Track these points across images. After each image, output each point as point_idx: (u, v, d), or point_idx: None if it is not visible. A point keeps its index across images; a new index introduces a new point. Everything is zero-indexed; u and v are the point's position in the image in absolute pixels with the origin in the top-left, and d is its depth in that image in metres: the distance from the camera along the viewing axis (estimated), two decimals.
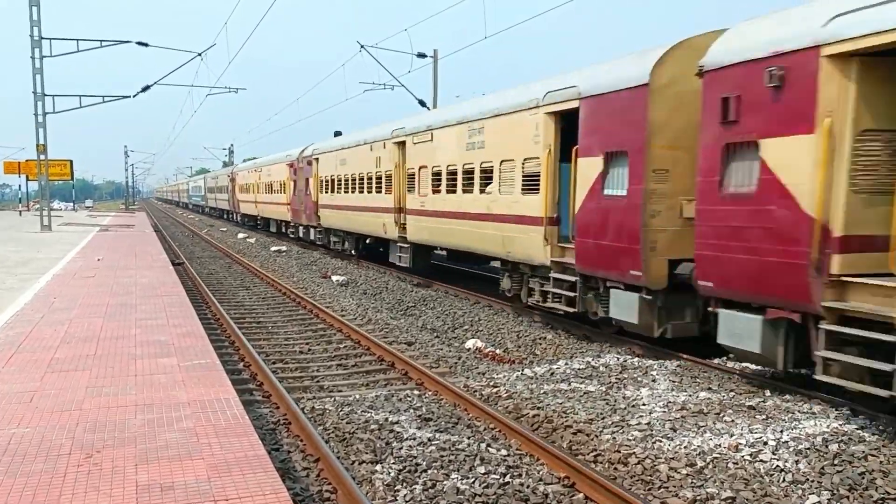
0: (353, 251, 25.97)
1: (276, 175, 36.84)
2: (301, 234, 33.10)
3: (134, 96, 33.58)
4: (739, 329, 8.84)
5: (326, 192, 27.82)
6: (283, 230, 37.45)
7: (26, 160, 47.97)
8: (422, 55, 30.64)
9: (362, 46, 29.27)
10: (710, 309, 9.64)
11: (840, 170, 7.54)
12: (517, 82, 18.43)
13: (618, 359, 10.63)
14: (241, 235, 40.45)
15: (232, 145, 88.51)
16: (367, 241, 24.83)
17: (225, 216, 62.07)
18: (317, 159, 29.28)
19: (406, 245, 19.99)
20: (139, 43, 32.23)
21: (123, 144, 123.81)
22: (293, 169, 32.85)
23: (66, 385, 7.23)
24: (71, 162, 45.99)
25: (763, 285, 8.41)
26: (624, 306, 11.01)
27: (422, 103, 30.74)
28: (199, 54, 31.55)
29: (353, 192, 24.50)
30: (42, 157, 32.58)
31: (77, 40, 30.83)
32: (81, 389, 7.08)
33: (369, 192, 22.68)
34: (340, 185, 25.97)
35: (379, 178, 21.87)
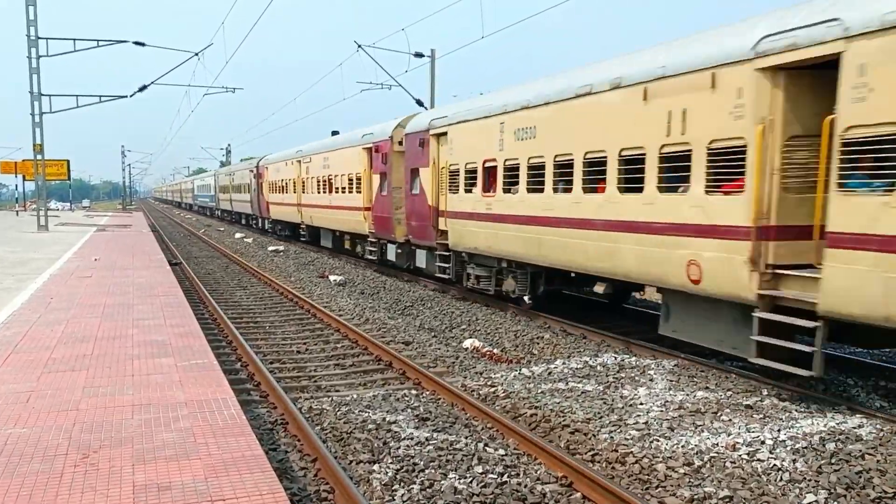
0: (525, 296, 14.36)
1: (341, 165, 25.14)
2: (393, 256, 21.04)
3: (131, 96, 33.57)
4: None
5: (467, 190, 15.56)
6: (352, 247, 25.71)
7: (23, 160, 47.84)
8: (419, 55, 30.62)
9: (360, 46, 29.24)
10: None
11: None
12: (515, 81, 14.23)
13: (615, 358, 10.63)
14: (238, 235, 40.41)
15: (229, 145, 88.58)
16: (600, 285, 12.27)
17: (245, 221, 49.76)
18: (442, 134, 16.86)
19: (817, 323, 7.95)
20: (136, 43, 32.19)
21: (121, 144, 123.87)
22: (380, 155, 21.07)
23: (63, 385, 7.22)
24: (68, 162, 45.90)
25: None
26: None
27: (419, 103, 30.73)
28: (197, 54, 31.53)
29: (562, 187, 12.30)
30: (39, 156, 32.53)
31: (74, 40, 30.79)
32: (78, 389, 7.07)
33: (629, 188, 10.65)
34: (513, 176, 13.80)
35: (680, 155, 9.69)
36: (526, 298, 14.44)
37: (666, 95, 9.92)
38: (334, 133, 29.15)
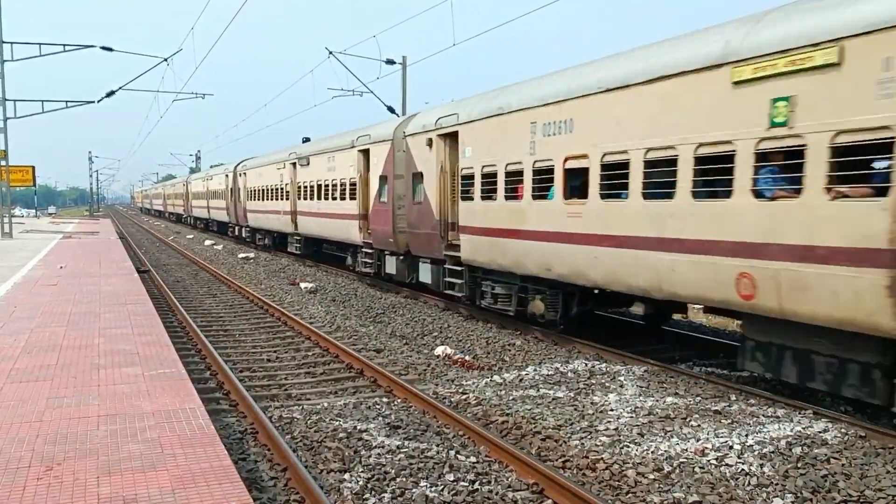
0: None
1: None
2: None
3: (98, 101, 33.15)
4: None
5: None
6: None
7: None
8: (391, 62, 30.60)
9: (331, 53, 29.16)
10: None
11: None
12: (486, 88, 16.06)
13: (586, 364, 10.70)
14: (208, 242, 39.99)
15: (199, 151, 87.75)
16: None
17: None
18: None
19: None
20: (104, 48, 31.80)
21: (88, 150, 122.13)
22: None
23: (26, 396, 7.08)
24: (33, 168, 45.10)
25: None
26: None
27: (391, 110, 30.72)
28: (166, 60, 31.22)
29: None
30: (3, 162, 31.96)
31: (39, 44, 30.35)
32: (42, 400, 6.94)
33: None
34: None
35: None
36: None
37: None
38: (305, 140, 29.01)
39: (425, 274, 16.92)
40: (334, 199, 22.54)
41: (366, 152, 20.03)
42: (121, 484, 4.95)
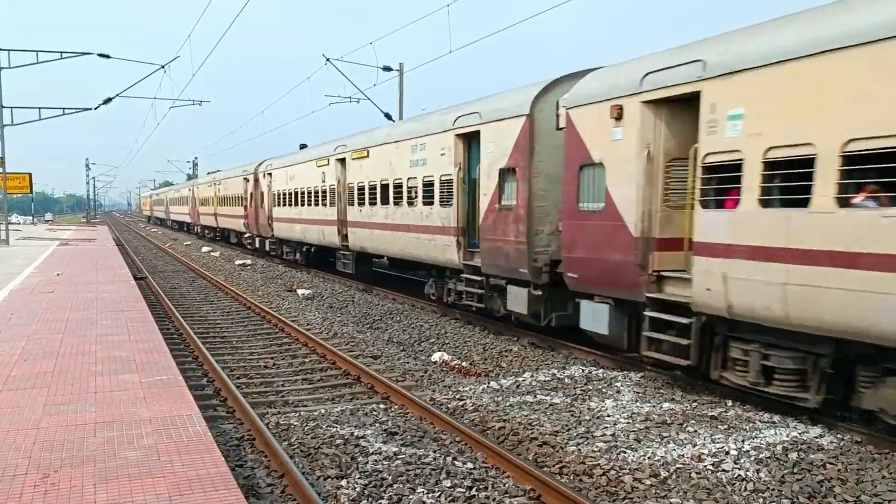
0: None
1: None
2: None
3: (95, 108, 33.16)
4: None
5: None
6: None
7: None
8: (388, 68, 30.66)
9: (328, 59, 29.22)
10: None
11: None
12: (485, 91, 15.65)
13: (583, 370, 10.71)
14: (205, 249, 39.97)
15: (196, 158, 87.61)
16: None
17: None
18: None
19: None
20: (101, 55, 31.81)
21: (85, 157, 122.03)
22: None
23: (23, 403, 7.08)
24: (30, 175, 45.12)
25: None
26: None
27: (388, 116, 30.77)
28: (163, 67, 31.22)
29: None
30: (0, 169, 31.95)
31: (37, 52, 30.39)
32: (39, 407, 6.94)
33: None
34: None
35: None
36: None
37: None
38: (302, 146, 29.03)
39: None
40: None
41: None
42: (118, 491, 4.95)
